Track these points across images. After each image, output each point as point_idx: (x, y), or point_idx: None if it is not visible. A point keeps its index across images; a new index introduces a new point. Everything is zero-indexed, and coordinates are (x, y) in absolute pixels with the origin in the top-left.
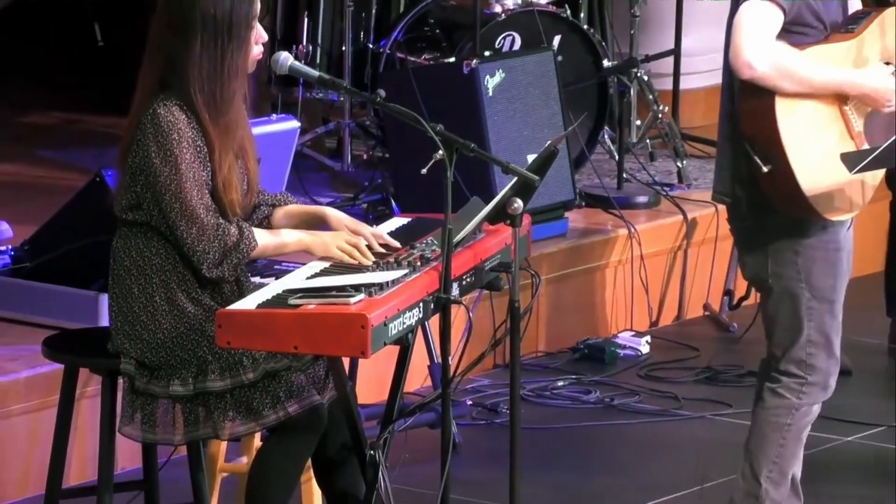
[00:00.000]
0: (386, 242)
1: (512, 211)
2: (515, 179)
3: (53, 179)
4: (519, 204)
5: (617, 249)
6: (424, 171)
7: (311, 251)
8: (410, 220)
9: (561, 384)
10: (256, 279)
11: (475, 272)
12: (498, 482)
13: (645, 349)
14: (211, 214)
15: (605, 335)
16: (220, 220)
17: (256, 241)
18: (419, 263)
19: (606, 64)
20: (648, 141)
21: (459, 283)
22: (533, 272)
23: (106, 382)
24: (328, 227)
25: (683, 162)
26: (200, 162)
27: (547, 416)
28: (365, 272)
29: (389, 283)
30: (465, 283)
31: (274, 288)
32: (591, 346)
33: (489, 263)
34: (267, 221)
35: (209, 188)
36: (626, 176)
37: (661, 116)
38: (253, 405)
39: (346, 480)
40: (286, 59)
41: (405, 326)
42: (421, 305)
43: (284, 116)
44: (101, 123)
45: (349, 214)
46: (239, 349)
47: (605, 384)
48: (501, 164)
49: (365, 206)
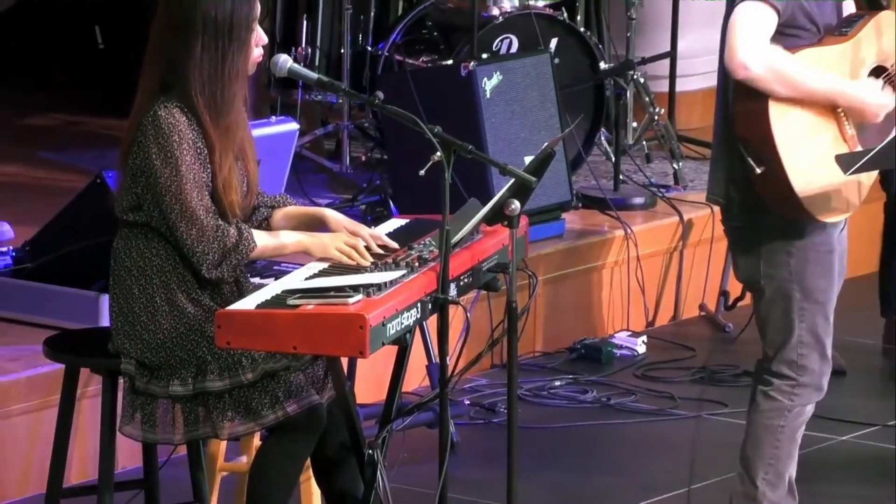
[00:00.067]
0: (384, 243)
1: (509, 212)
2: (513, 181)
3: (54, 181)
4: (516, 205)
5: (613, 250)
6: (422, 172)
7: (309, 252)
8: (408, 221)
9: (558, 384)
10: (256, 280)
11: (473, 273)
12: (495, 481)
13: (641, 349)
14: (210, 216)
15: (601, 335)
16: (219, 221)
17: (255, 242)
18: (417, 264)
19: (603, 66)
20: (645, 143)
21: (457, 283)
22: (530, 273)
23: (106, 382)
24: (327, 228)
25: (679, 163)
26: (200, 164)
27: (544, 415)
28: (363, 273)
29: (387, 283)
30: (462, 283)
31: (273, 288)
32: (587, 346)
33: (487, 264)
34: (266, 223)
35: (209, 190)
36: (622, 177)
37: (657, 118)
38: (252, 405)
39: (344, 480)
40: (285, 61)
41: (403, 327)
42: (419, 306)
43: (283, 118)
44: (101, 125)
45: (348, 216)
46: (238, 349)
47: (601, 384)
48: (499, 165)
49: (363, 207)
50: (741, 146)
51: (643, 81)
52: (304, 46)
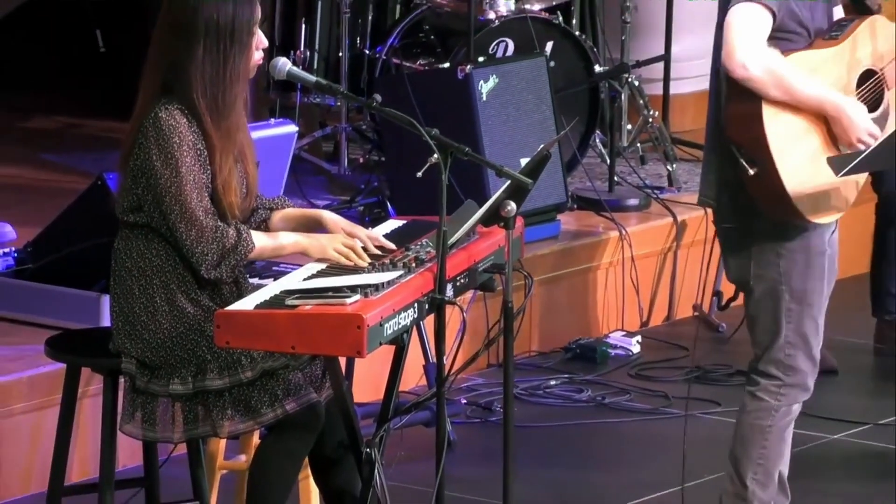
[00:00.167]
0: (381, 244)
1: (505, 213)
2: (509, 182)
3: (56, 182)
4: (512, 206)
5: (608, 251)
6: (420, 174)
7: (307, 253)
8: (405, 222)
9: (553, 383)
10: (255, 280)
11: (469, 273)
12: (492, 479)
13: (636, 349)
14: (210, 217)
15: (596, 335)
16: (218, 222)
17: (254, 243)
18: (414, 265)
19: (598, 69)
20: (639, 145)
21: (454, 284)
22: (526, 273)
23: (107, 382)
24: (324, 229)
25: (673, 165)
26: (200, 165)
27: (540, 414)
28: (361, 273)
29: (385, 284)
30: (459, 284)
31: (272, 289)
32: (582, 345)
33: (483, 265)
34: (264, 225)
35: (209, 191)
36: (617, 179)
37: (651, 121)
38: (251, 403)
39: (342, 478)
40: (284, 64)
41: (400, 326)
42: (416, 306)
43: (282, 121)
44: (102, 127)
45: (346, 217)
46: (237, 349)
47: (596, 383)
48: (495, 167)
49: (361, 208)
50: (734, 148)
51: (637, 84)
52: (302, 50)
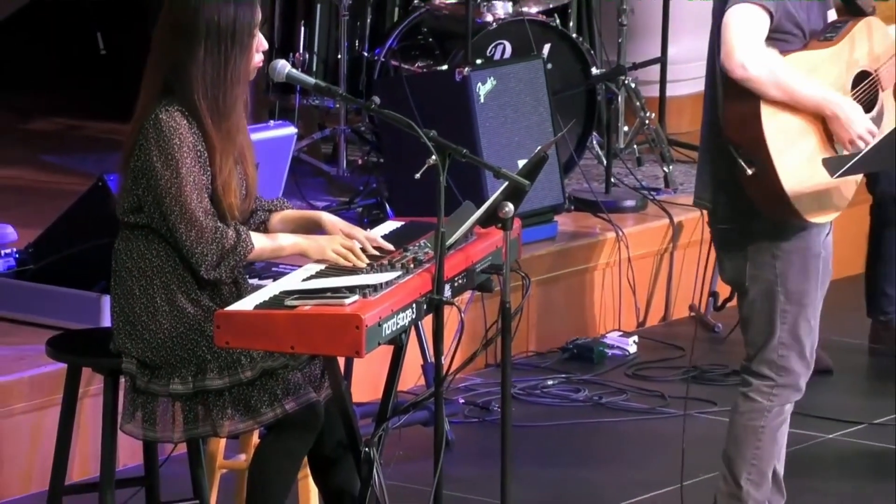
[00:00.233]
0: (379, 245)
1: (503, 214)
2: (506, 184)
3: (57, 184)
4: (510, 208)
5: (605, 252)
6: (418, 175)
7: (306, 254)
8: (404, 223)
9: (551, 383)
10: (254, 281)
11: (467, 274)
12: (489, 478)
13: (632, 349)
14: (209, 218)
15: (593, 335)
16: (218, 223)
17: (253, 244)
18: (412, 265)
19: (595, 71)
20: (636, 146)
21: (452, 284)
22: (523, 274)
23: (108, 381)
24: (323, 231)
25: (670, 167)
26: (200, 166)
27: (537, 413)
28: (359, 274)
29: (383, 284)
30: (457, 284)
31: (271, 289)
32: (580, 345)
33: (481, 265)
34: (264, 226)
35: (209, 192)
36: (613, 180)
37: (647, 122)
38: (251, 403)
39: (341, 477)
40: (283, 66)
41: (399, 327)
42: (414, 306)
43: (282, 123)
44: (103, 129)
45: (344, 218)
46: (237, 349)
47: (593, 383)
48: (493, 169)
49: (360, 209)
50: (732, 148)
51: (634, 86)
52: (301, 52)
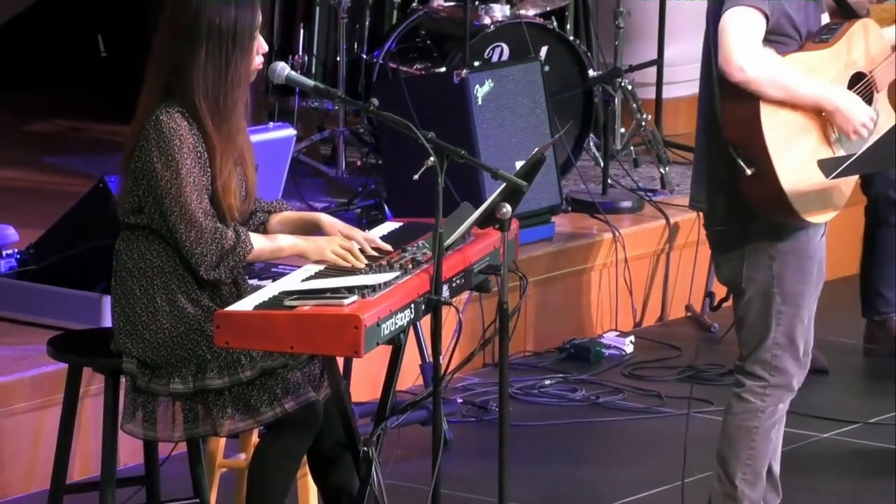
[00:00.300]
0: (378, 246)
1: (501, 215)
2: (504, 185)
3: (58, 185)
4: (507, 209)
5: (602, 253)
6: (416, 177)
7: (305, 255)
8: (402, 224)
9: (548, 382)
10: (254, 281)
11: (465, 274)
12: (487, 477)
13: (629, 349)
14: (209, 218)
15: (590, 335)
16: (217, 223)
17: (252, 244)
18: (411, 266)
19: (592, 74)
20: (632, 148)
21: (450, 284)
22: (521, 274)
23: (108, 381)
24: (322, 232)
25: (666, 168)
26: (200, 167)
27: (534, 413)
28: (358, 275)
29: (382, 285)
30: (455, 284)
31: (270, 290)
32: (577, 345)
33: (478, 266)
34: (263, 228)
35: (208, 193)
36: (610, 182)
37: (644, 124)
38: (251, 402)
39: (340, 476)
40: (283, 69)
41: (397, 327)
42: (412, 306)
43: (281, 124)
44: (104, 131)
45: (343, 219)
46: (237, 349)
47: (590, 382)
48: (491, 170)
49: (359, 210)
50: (731, 149)
51: (631, 88)
52: (301, 54)
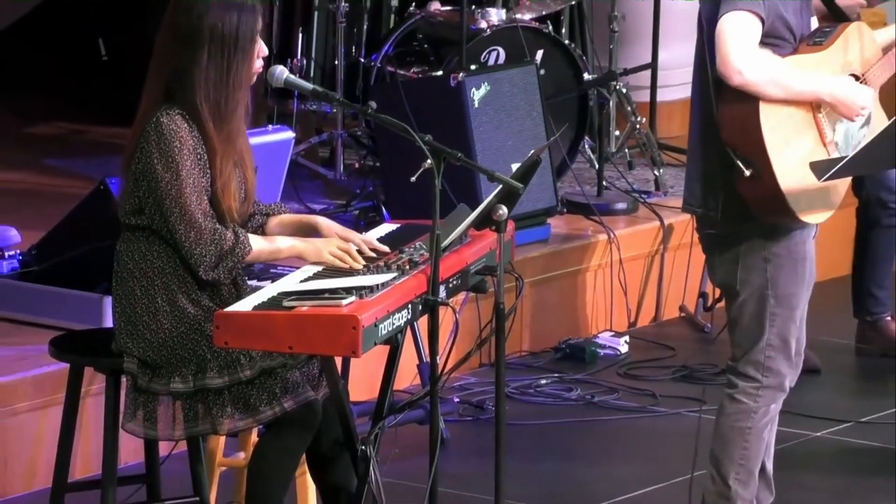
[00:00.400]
0: (375, 248)
1: (497, 217)
2: (500, 187)
3: (59, 187)
4: (504, 210)
5: (597, 254)
6: (413, 179)
7: (304, 257)
8: (399, 226)
9: (544, 382)
10: (253, 282)
11: (461, 275)
12: (484, 475)
13: (624, 349)
14: (209, 219)
15: (585, 335)
16: (216, 224)
17: (251, 245)
18: (408, 267)
19: (587, 77)
20: (627, 150)
21: (446, 285)
22: (517, 275)
23: (110, 381)
24: (320, 234)
25: (660, 170)
26: (200, 169)
27: (530, 412)
28: (356, 276)
29: (379, 285)
30: (451, 285)
31: (269, 290)
32: (572, 345)
33: (475, 267)
34: (261, 230)
35: (208, 194)
36: (605, 184)
37: (638, 127)
38: (250, 401)
39: (338, 474)
40: (282, 72)
41: (395, 327)
42: (410, 307)
43: (280, 127)
44: (105, 133)
45: (341, 221)
46: (236, 349)
47: (585, 382)
48: (487, 172)
49: (356, 212)
50: (729, 150)
51: (625, 92)
52: (299, 58)
